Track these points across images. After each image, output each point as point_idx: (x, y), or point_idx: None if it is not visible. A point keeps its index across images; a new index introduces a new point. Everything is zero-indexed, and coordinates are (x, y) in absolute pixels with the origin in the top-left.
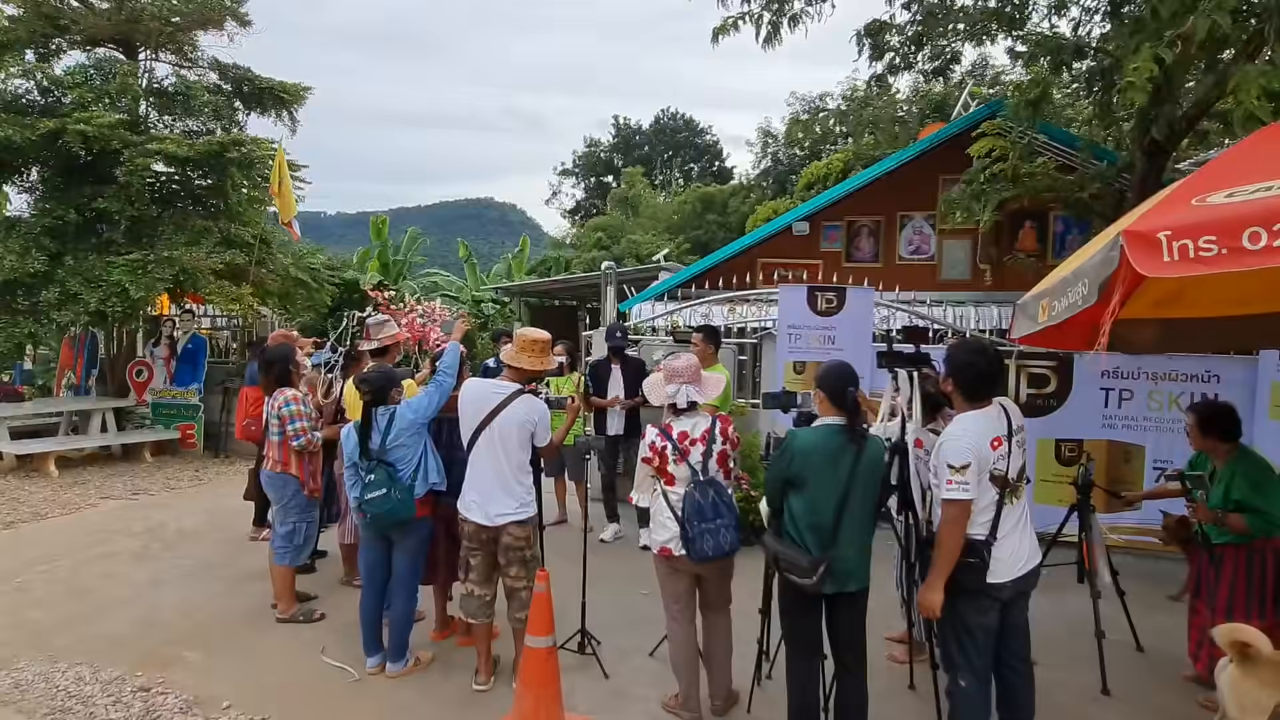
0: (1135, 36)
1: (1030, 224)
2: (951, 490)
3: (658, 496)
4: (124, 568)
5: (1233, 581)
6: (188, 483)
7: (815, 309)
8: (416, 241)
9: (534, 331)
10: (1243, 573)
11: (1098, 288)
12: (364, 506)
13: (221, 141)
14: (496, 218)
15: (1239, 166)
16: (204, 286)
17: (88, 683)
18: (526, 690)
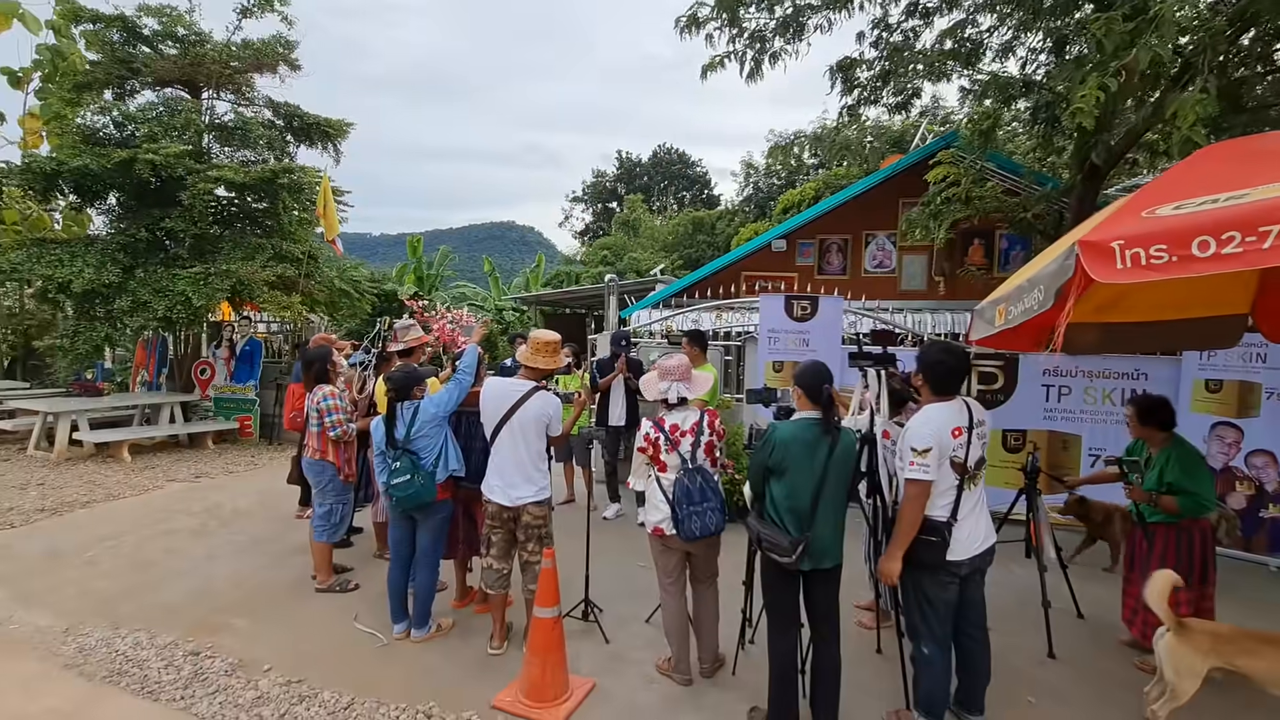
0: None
1: (979, 241)
2: (913, 471)
3: (652, 482)
4: (183, 543)
5: (1163, 555)
6: (244, 467)
7: (792, 315)
8: (447, 258)
9: (545, 334)
10: (1172, 548)
11: (1053, 293)
12: (390, 490)
13: (274, 169)
14: (517, 238)
15: (1182, 183)
16: (259, 296)
17: (144, 647)
18: (535, 656)
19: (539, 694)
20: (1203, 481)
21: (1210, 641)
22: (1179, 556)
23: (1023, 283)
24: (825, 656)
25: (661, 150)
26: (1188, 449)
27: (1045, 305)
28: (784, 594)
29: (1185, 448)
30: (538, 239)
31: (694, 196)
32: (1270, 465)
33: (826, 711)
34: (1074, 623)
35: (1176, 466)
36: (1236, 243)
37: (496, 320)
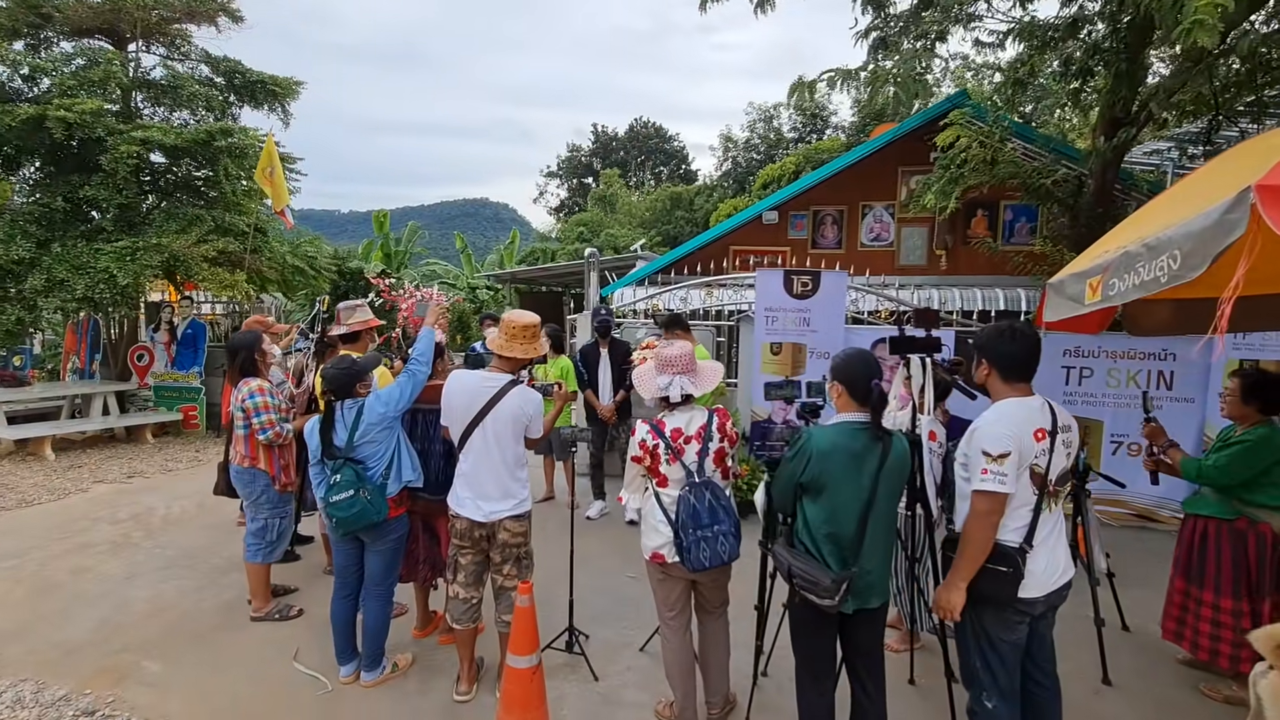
0: None
1: (982, 212)
2: (986, 481)
3: (649, 498)
4: (98, 560)
5: (1218, 560)
6: (186, 464)
7: (791, 292)
8: (416, 234)
9: (521, 315)
10: (1227, 552)
11: (1208, 259)
12: (330, 510)
13: (210, 130)
14: (491, 215)
15: None
16: (197, 273)
17: (26, 705)
18: (509, 713)
19: None
20: (1241, 467)
21: None
22: (1234, 562)
23: (1133, 248)
24: (868, 711)
25: (638, 124)
26: (1270, 439)
27: (1185, 276)
28: (820, 639)
29: (1268, 435)
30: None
31: (671, 172)
32: None
33: None
34: (1121, 637)
35: (1238, 448)
36: None
37: (469, 300)
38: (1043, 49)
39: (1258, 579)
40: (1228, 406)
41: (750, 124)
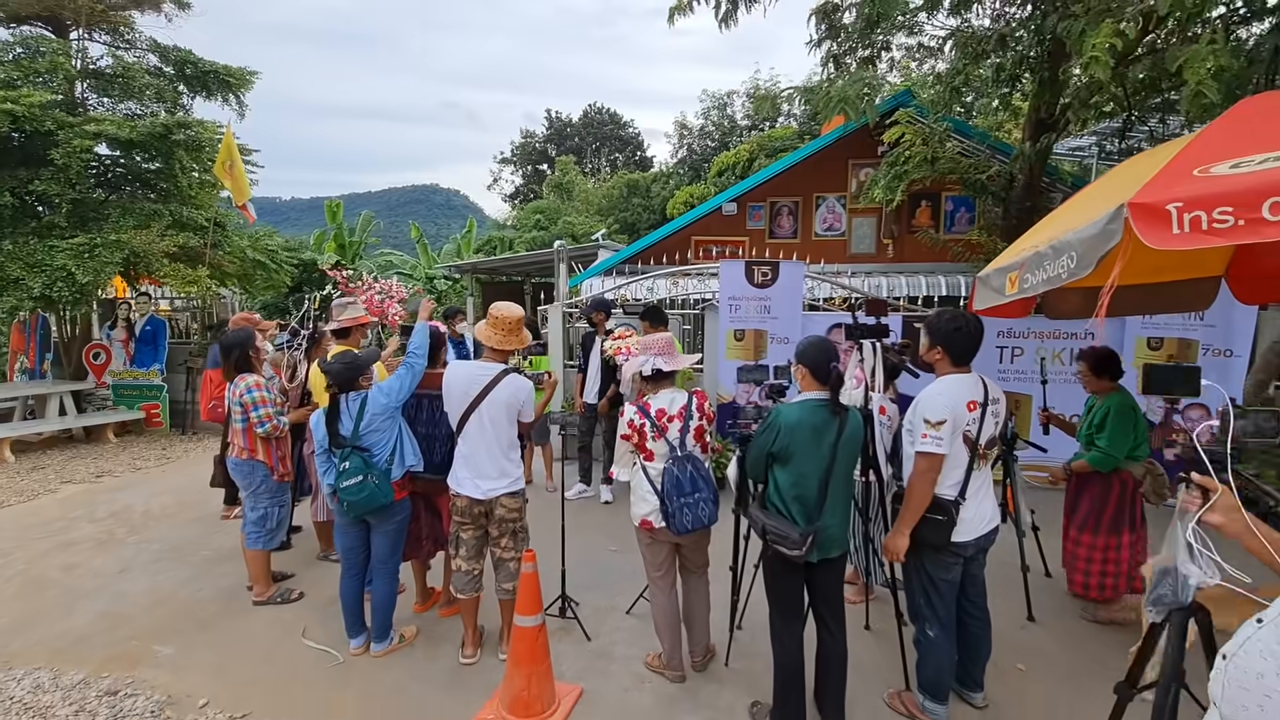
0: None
1: (926, 203)
2: (925, 444)
3: (637, 471)
4: (86, 556)
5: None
6: (154, 462)
7: (752, 281)
8: (369, 224)
9: (506, 308)
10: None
11: (1094, 260)
12: (341, 494)
13: (166, 123)
14: (442, 202)
15: (1230, 139)
16: (158, 269)
17: (46, 690)
18: (518, 668)
19: (525, 709)
20: (1121, 438)
21: None
22: (1103, 505)
23: (1043, 249)
24: (831, 647)
25: (593, 110)
26: (1124, 402)
27: (1079, 273)
28: (789, 585)
29: (1123, 400)
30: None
31: (627, 159)
32: (1205, 418)
33: (833, 702)
34: (1044, 582)
35: (1103, 417)
36: None
37: (429, 290)
38: (976, 58)
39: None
40: (1085, 383)
41: (705, 111)
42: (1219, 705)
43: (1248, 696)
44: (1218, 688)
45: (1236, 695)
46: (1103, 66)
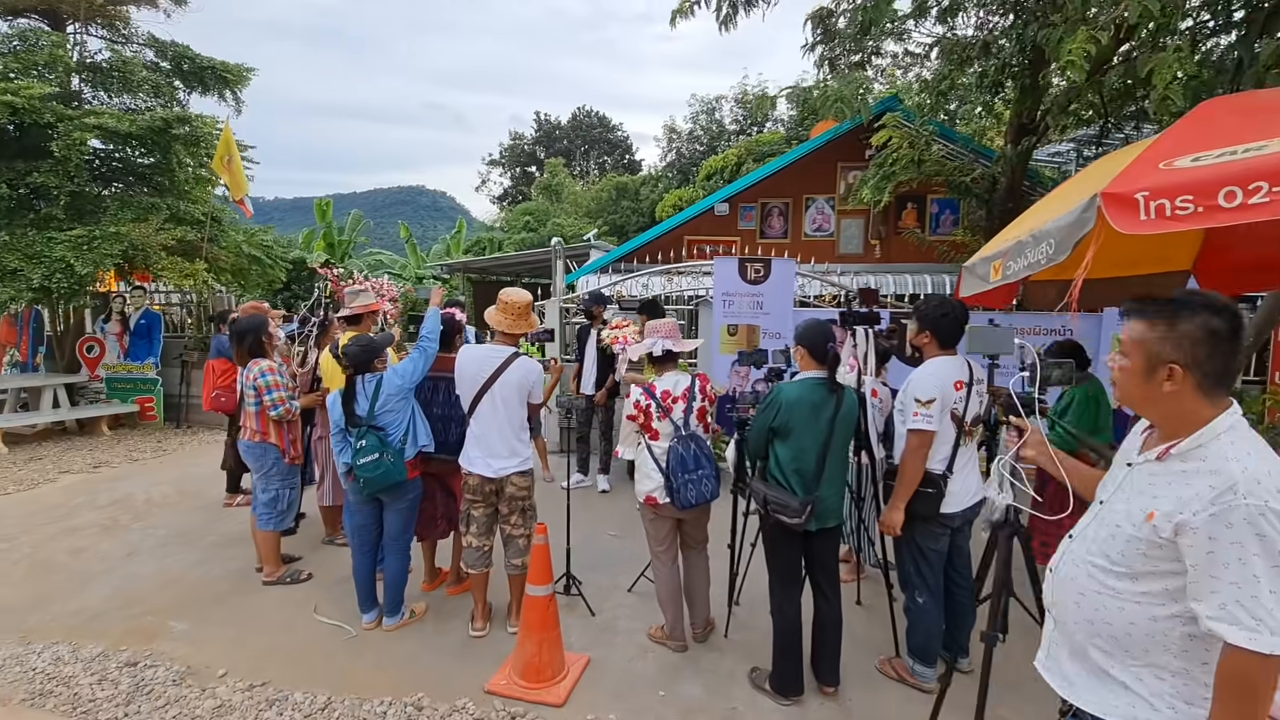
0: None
1: (912, 205)
2: (916, 421)
3: (642, 450)
4: (93, 541)
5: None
6: (151, 454)
7: (745, 278)
8: (359, 223)
9: (515, 294)
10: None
11: (1070, 246)
12: (358, 471)
13: (166, 117)
14: (428, 204)
15: (1192, 137)
16: (155, 263)
17: (67, 662)
18: (530, 635)
19: (536, 674)
20: (1082, 421)
21: None
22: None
23: (1024, 238)
24: (827, 613)
25: (581, 113)
26: (1089, 391)
27: (1057, 259)
28: (789, 554)
29: (1087, 389)
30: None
31: (615, 161)
32: None
33: (828, 666)
34: None
35: (1068, 402)
36: (1264, 193)
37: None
38: (960, 65)
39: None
40: None
41: (693, 115)
42: (1051, 609)
43: (1067, 596)
44: (1049, 594)
45: (1060, 596)
46: (1078, 70)
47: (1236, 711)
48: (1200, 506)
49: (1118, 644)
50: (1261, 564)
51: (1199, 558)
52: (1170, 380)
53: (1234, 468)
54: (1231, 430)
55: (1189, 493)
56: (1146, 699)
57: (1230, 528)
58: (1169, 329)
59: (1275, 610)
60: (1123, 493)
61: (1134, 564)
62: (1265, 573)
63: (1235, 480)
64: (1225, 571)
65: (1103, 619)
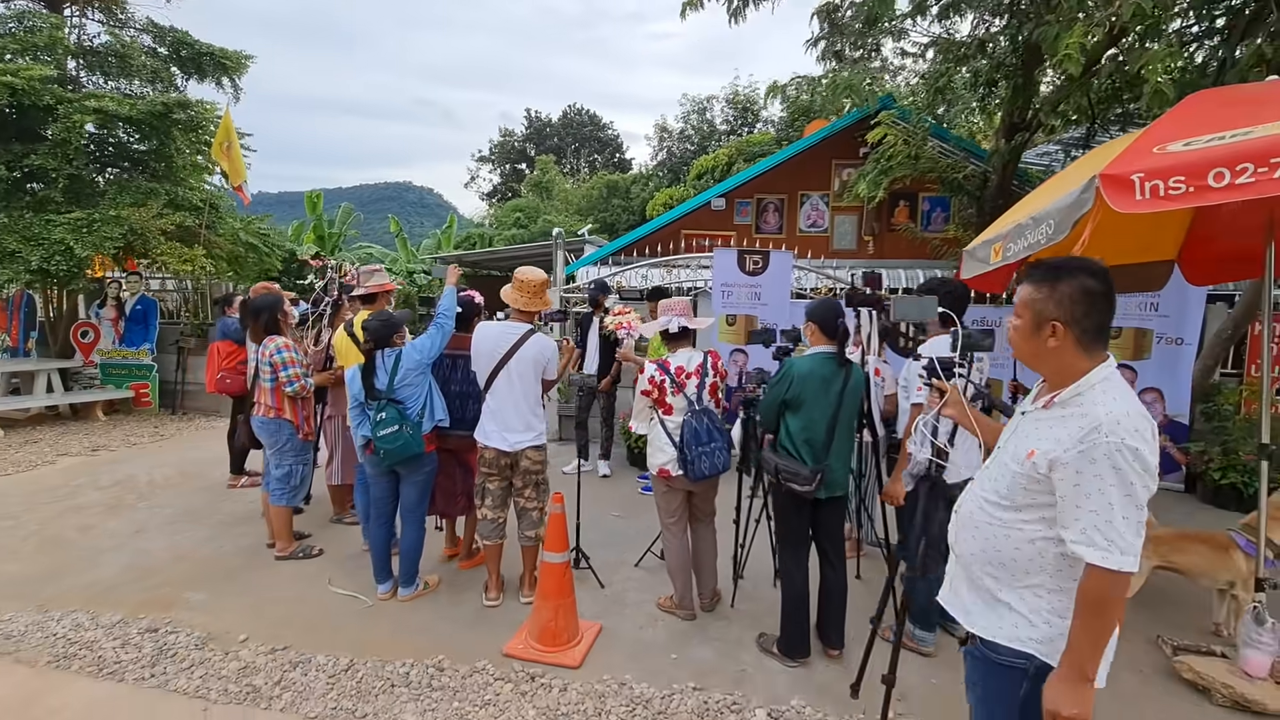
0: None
1: (904, 202)
2: (920, 396)
3: (655, 424)
4: (99, 519)
5: None
6: (149, 438)
7: (744, 269)
8: (350, 216)
9: (531, 272)
10: None
11: (1069, 226)
12: (378, 443)
13: (166, 102)
14: (415, 200)
15: (1183, 125)
16: (155, 248)
17: (87, 628)
18: (546, 601)
19: (552, 638)
20: None
21: (1153, 545)
22: None
23: (1024, 220)
24: (833, 579)
25: (572, 111)
26: None
27: (1056, 238)
28: (798, 522)
29: None
30: (438, 201)
31: (606, 160)
32: (1158, 401)
33: (834, 628)
34: None
35: None
36: (1250, 174)
37: (410, 284)
38: (957, 63)
39: None
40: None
41: (684, 115)
42: (954, 547)
43: (965, 531)
44: (953, 532)
45: (960, 532)
46: (1074, 63)
47: (1092, 620)
48: (1070, 444)
49: (1005, 569)
50: (1116, 493)
51: (1067, 489)
52: (1054, 336)
53: (1100, 411)
54: (1105, 381)
55: (1064, 433)
56: (1026, 616)
57: (1094, 463)
58: (1051, 290)
59: (1125, 533)
60: (1014, 438)
61: (1017, 497)
62: (1118, 501)
63: (1100, 421)
64: (1087, 501)
65: (993, 547)
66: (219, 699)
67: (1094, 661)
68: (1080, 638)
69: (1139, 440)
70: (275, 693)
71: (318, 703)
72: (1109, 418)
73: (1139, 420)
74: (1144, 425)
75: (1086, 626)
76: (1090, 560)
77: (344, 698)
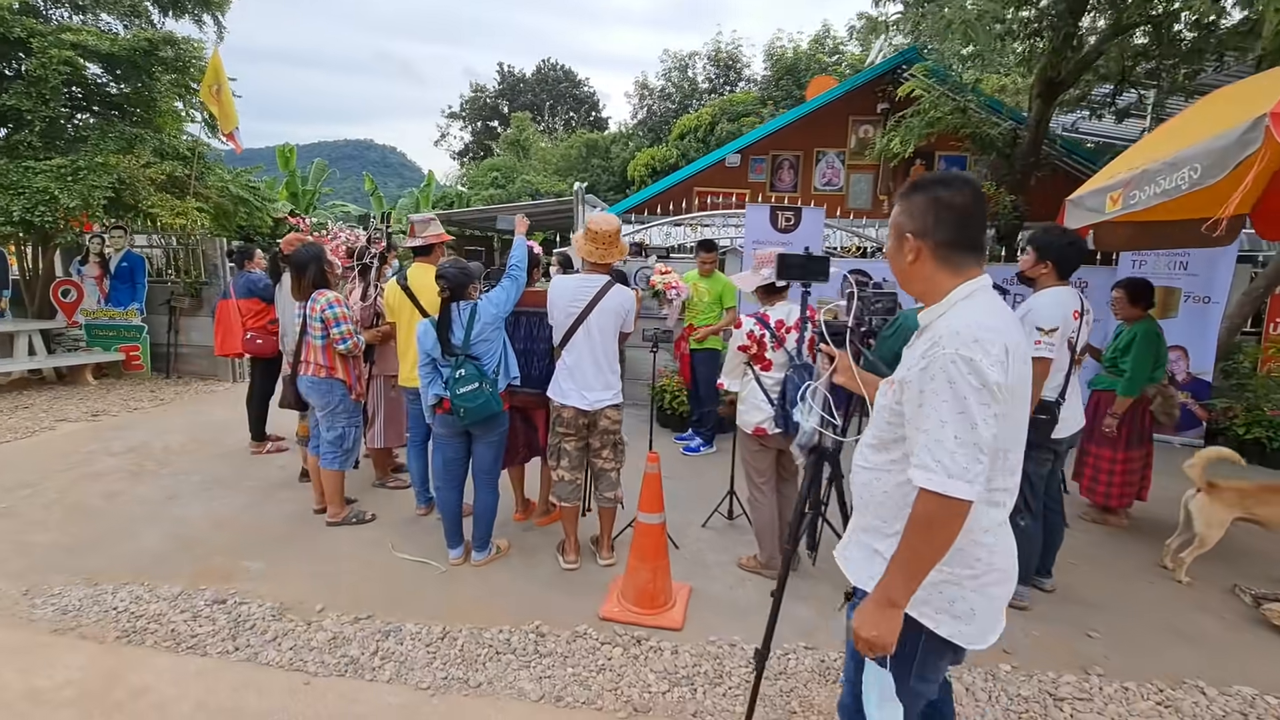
0: None
1: (920, 161)
2: (1039, 349)
3: (749, 381)
4: (125, 485)
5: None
6: (149, 403)
7: (776, 226)
8: (324, 174)
9: (604, 220)
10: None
11: (1224, 169)
12: (457, 401)
13: (151, 38)
14: (378, 159)
15: None
16: (144, 199)
17: (148, 601)
18: (644, 563)
19: (650, 600)
20: (1144, 361)
21: (1236, 496)
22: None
23: (1153, 166)
24: None
25: (546, 66)
26: (1150, 329)
27: (1205, 182)
28: None
29: (1149, 327)
30: (401, 160)
31: (582, 118)
32: (1182, 359)
33: None
34: None
35: (1129, 340)
36: None
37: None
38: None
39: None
40: (1118, 310)
41: (665, 71)
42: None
43: (858, 489)
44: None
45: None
46: None
47: (913, 545)
48: (914, 363)
49: (877, 515)
50: (948, 409)
51: (912, 411)
52: (911, 252)
53: (943, 324)
54: (969, 298)
55: (913, 355)
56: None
57: (932, 379)
58: (906, 203)
59: (957, 454)
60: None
61: (883, 434)
62: (951, 418)
63: (940, 334)
64: (924, 421)
65: (870, 493)
66: (317, 671)
67: (904, 589)
68: (895, 562)
69: (976, 350)
70: (375, 663)
71: (424, 673)
72: (949, 329)
73: (983, 332)
74: (988, 337)
75: (904, 551)
76: (916, 482)
77: (451, 666)
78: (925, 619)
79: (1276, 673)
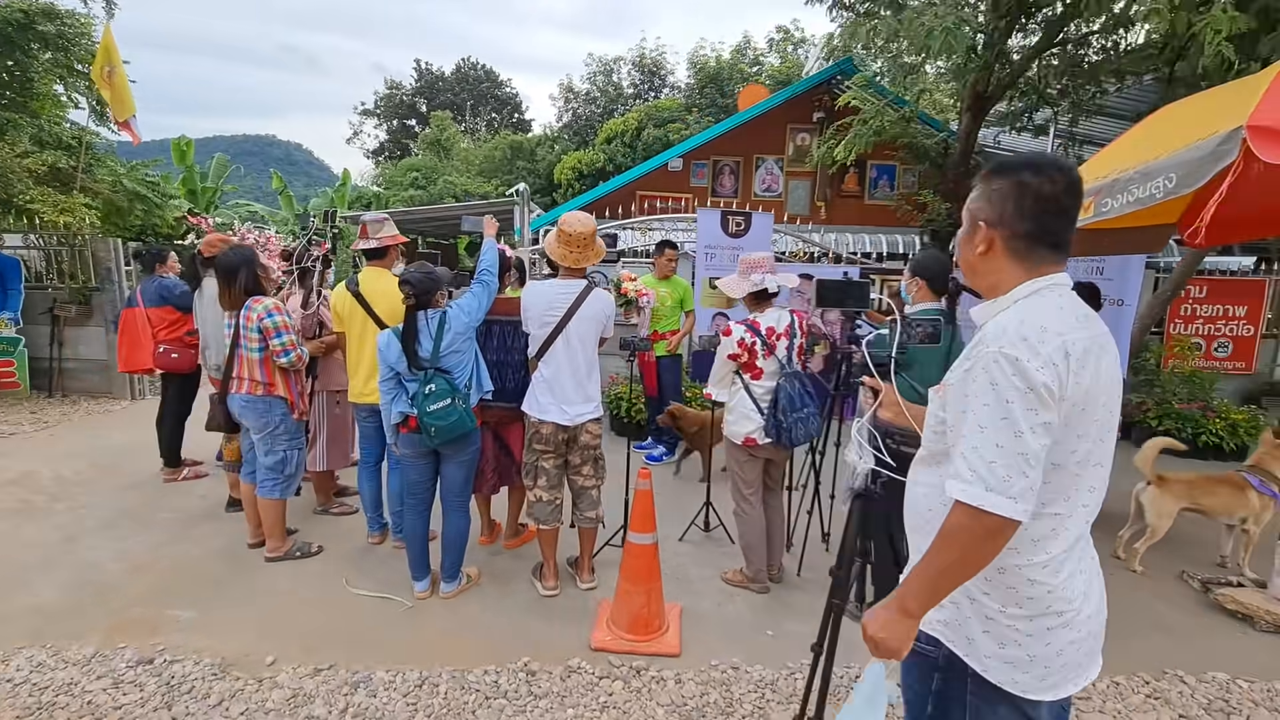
0: None
1: (853, 169)
2: None
3: (738, 390)
4: (6, 526)
5: None
6: (30, 427)
7: (727, 231)
8: (227, 170)
9: (579, 221)
10: None
11: (1198, 179)
12: (427, 419)
13: (26, 9)
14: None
15: None
16: (20, 193)
17: (53, 668)
18: (637, 586)
19: (644, 626)
20: None
21: (1184, 488)
22: None
23: (1125, 175)
24: None
25: (466, 65)
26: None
27: (1179, 192)
28: (895, 486)
29: None
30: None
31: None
32: None
33: None
34: None
35: None
36: None
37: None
38: None
39: None
40: None
41: (590, 75)
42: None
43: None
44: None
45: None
46: None
47: (938, 555)
48: (959, 364)
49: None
50: (989, 414)
51: (955, 417)
52: (983, 243)
53: (991, 324)
54: (1031, 296)
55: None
56: None
57: (974, 381)
58: (985, 186)
59: (996, 465)
60: None
61: (932, 445)
62: (992, 424)
63: (986, 334)
64: (965, 427)
65: (913, 511)
66: None
67: (920, 601)
68: (917, 569)
69: (1023, 350)
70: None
71: None
72: (996, 327)
73: (1034, 330)
74: (1040, 336)
75: (928, 560)
76: (950, 493)
77: (437, 719)
78: (972, 660)
79: (1241, 657)
